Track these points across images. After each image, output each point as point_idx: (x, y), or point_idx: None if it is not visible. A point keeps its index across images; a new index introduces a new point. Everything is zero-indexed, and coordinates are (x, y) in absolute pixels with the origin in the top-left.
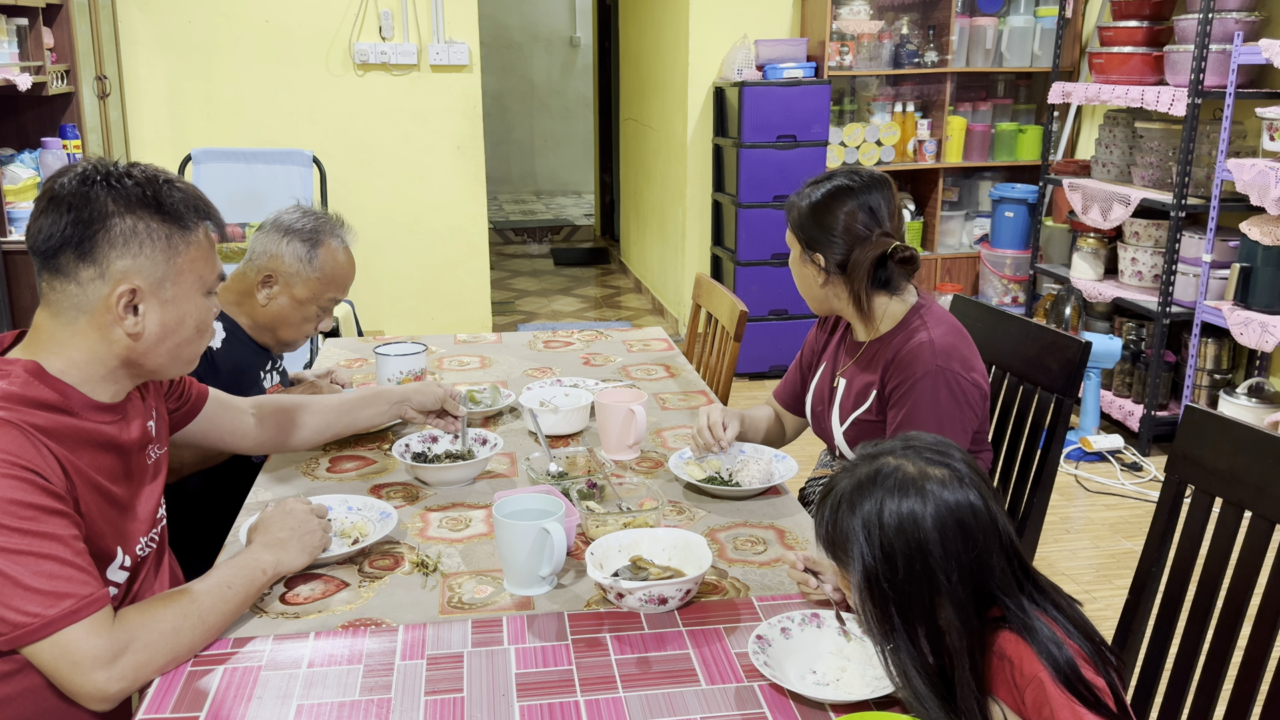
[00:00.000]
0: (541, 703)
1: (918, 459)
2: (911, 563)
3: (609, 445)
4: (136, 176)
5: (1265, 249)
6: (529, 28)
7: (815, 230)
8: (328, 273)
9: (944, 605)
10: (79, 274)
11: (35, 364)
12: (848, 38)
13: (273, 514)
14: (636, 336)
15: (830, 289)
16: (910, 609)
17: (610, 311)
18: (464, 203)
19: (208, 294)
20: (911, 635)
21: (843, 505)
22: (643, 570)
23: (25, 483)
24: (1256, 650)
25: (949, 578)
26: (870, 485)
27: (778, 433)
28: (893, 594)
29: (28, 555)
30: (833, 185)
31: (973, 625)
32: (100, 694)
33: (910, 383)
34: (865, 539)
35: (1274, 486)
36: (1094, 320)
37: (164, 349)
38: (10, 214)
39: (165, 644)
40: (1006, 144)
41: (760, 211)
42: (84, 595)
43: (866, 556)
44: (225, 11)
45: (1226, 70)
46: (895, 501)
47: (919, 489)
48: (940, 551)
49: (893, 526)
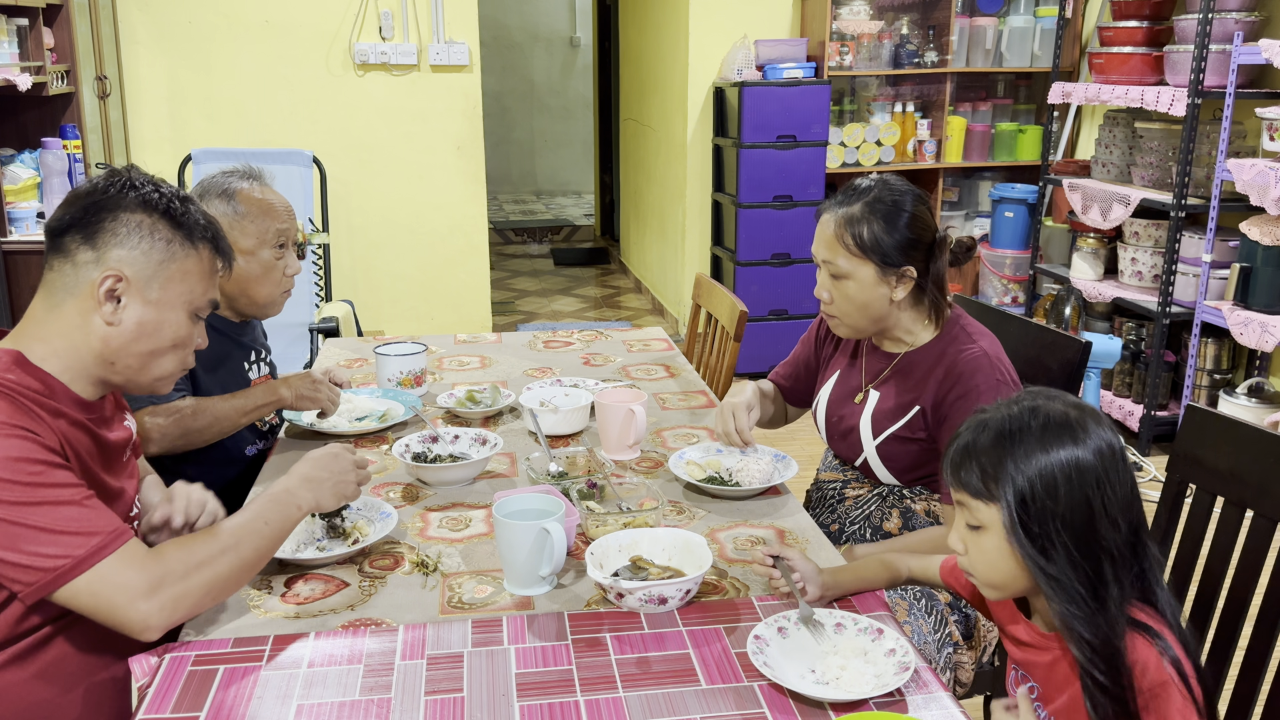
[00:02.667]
0: (541, 703)
1: (1063, 403)
2: (1072, 485)
3: (609, 445)
4: (161, 188)
5: (1265, 249)
6: (529, 28)
7: (897, 239)
8: (254, 210)
9: (1104, 531)
10: (77, 255)
11: (18, 352)
12: (848, 38)
13: (318, 455)
14: (636, 336)
15: (901, 304)
16: (1069, 532)
17: (610, 311)
18: (464, 203)
19: (193, 316)
20: (1070, 558)
21: (994, 436)
22: (643, 570)
23: (27, 441)
24: (1257, 650)
25: (1110, 501)
26: (1025, 421)
27: (781, 410)
28: (1053, 520)
29: (43, 505)
30: (890, 191)
31: (1127, 558)
32: (145, 624)
33: (975, 394)
34: (1023, 466)
35: (1275, 486)
36: (1094, 320)
37: (136, 351)
38: (10, 214)
39: (202, 575)
40: (1006, 144)
41: (760, 211)
42: (110, 530)
43: (1020, 483)
44: (225, 11)
45: (1226, 70)
46: (1057, 436)
47: (1075, 425)
48: (1102, 476)
49: (1056, 458)
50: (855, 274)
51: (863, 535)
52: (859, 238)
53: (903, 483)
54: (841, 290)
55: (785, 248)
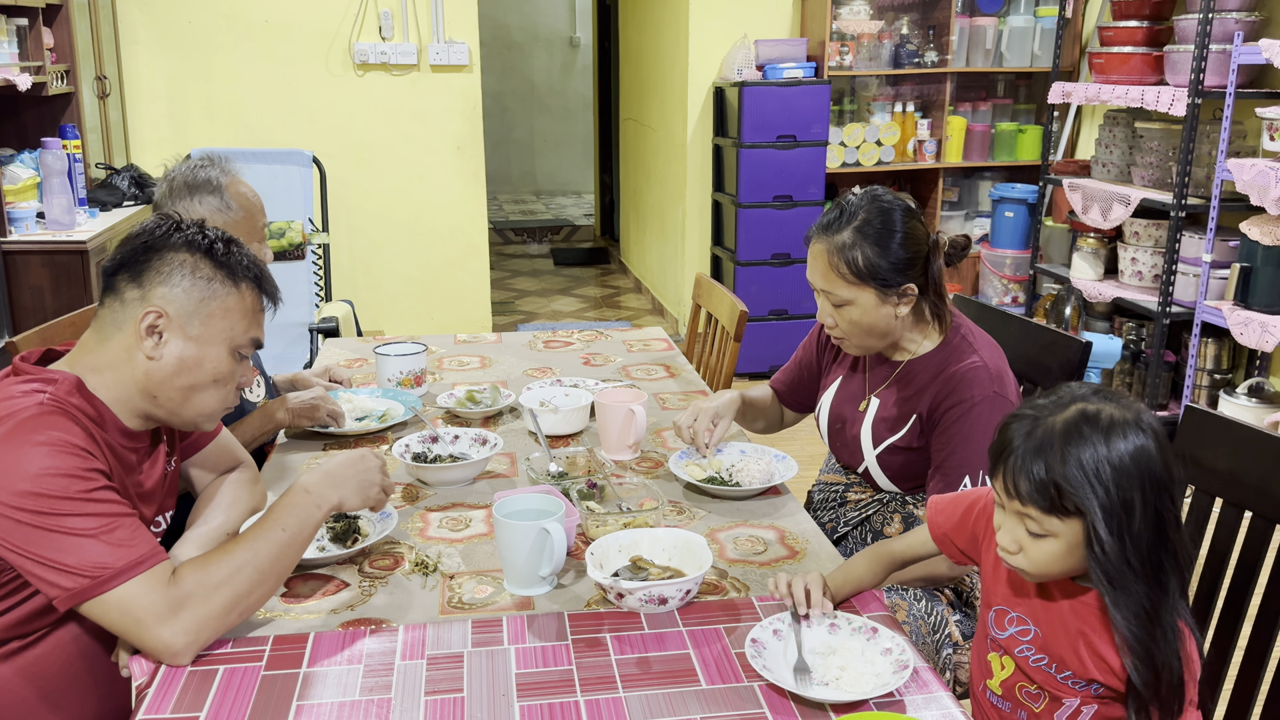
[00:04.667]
0: (541, 703)
1: (1109, 401)
2: (1145, 494)
3: (609, 445)
4: (207, 230)
5: (1265, 249)
6: (529, 28)
7: (892, 261)
8: (246, 206)
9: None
10: (125, 293)
11: (78, 379)
12: (848, 38)
13: (344, 455)
14: (636, 336)
15: (904, 318)
16: (1149, 542)
17: (610, 311)
18: (464, 203)
19: (235, 353)
20: (1149, 574)
21: (1062, 453)
22: (643, 570)
23: (80, 458)
24: (1257, 650)
25: (1174, 500)
26: (1085, 428)
27: (776, 417)
28: (1131, 532)
29: (88, 517)
30: (879, 212)
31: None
32: (169, 648)
33: (967, 406)
34: (1098, 481)
35: (1274, 487)
36: (1094, 320)
37: (177, 386)
38: (10, 214)
39: (222, 595)
40: (1006, 144)
41: (760, 211)
42: (147, 550)
43: (1102, 498)
44: (225, 11)
45: (1226, 70)
46: (1122, 441)
47: (1133, 424)
48: (1167, 477)
49: (1126, 465)
50: (857, 300)
51: (862, 539)
52: (854, 265)
53: (904, 490)
54: (845, 316)
55: (785, 248)
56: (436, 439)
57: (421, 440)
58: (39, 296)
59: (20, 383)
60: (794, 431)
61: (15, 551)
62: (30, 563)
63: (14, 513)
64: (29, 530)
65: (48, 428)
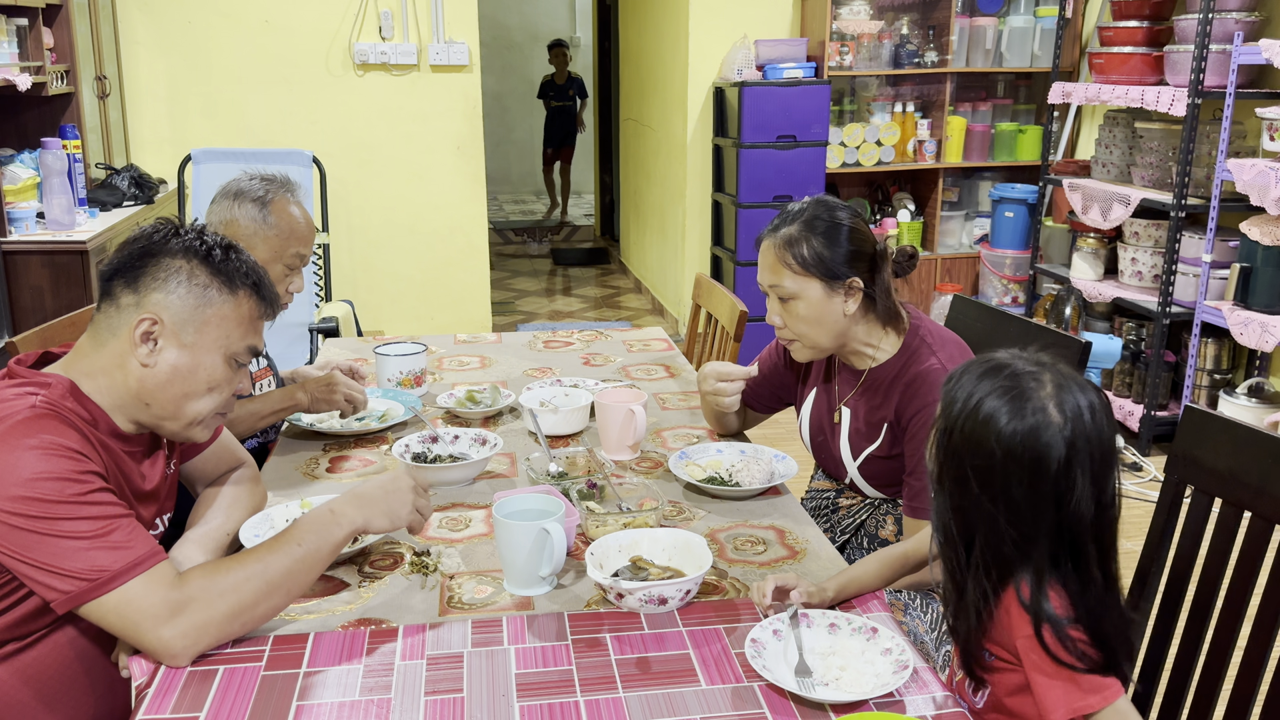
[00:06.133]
0: (541, 703)
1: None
2: (976, 458)
3: (609, 445)
4: (205, 235)
5: (1265, 249)
6: (529, 28)
7: (839, 253)
8: (284, 228)
9: (996, 513)
10: (121, 298)
11: (72, 382)
12: (848, 38)
13: (380, 478)
14: (636, 336)
15: (854, 318)
16: (966, 486)
17: (610, 311)
18: (464, 203)
19: (230, 361)
20: (956, 505)
21: (963, 374)
22: (643, 570)
23: (75, 461)
24: (1256, 650)
25: (1006, 492)
26: (993, 374)
27: (740, 420)
28: (954, 466)
29: (85, 520)
30: (825, 208)
31: (1002, 554)
32: (168, 649)
33: (931, 409)
34: (956, 408)
35: (1274, 487)
36: (1094, 320)
37: (170, 394)
38: (10, 214)
39: (227, 601)
40: (1006, 144)
41: (760, 212)
42: (146, 551)
43: (951, 424)
44: (225, 11)
45: (1226, 70)
46: (1002, 403)
47: (1027, 405)
48: (1003, 466)
49: (976, 418)
50: (803, 293)
51: (860, 544)
52: (800, 257)
53: (890, 496)
54: (792, 311)
55: None
56: (436, 439)
57: (421, 440)
58: (39, 297)
59: (13, 386)
60: (794, 431)
61: (11, 556)
62: (27, 567)
63: (8, 517)
64: (24, 535)
65: (41, 431)
